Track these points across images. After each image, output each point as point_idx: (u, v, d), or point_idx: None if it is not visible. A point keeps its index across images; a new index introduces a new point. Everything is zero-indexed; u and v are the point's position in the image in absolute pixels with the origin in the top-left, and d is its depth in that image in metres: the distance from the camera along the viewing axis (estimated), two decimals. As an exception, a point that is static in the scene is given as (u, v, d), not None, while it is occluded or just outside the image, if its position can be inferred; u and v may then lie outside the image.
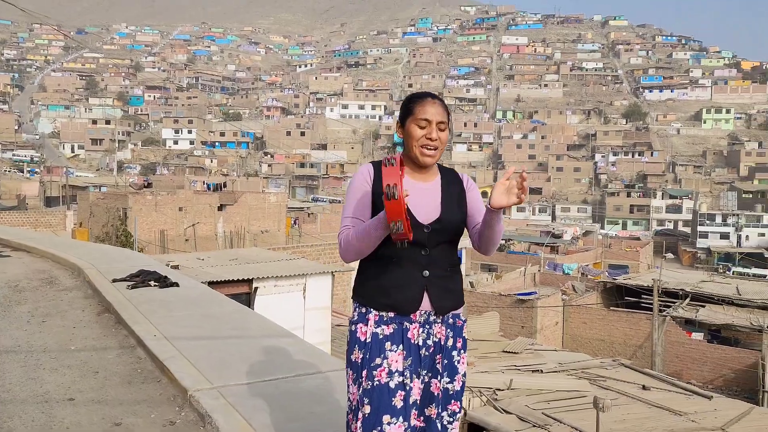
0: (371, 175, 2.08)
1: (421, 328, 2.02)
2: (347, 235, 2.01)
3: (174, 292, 4.93)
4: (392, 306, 1.99)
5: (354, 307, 2.08)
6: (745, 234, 61.48)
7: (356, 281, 2.10)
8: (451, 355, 2.06)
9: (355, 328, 2.03)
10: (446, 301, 2.04)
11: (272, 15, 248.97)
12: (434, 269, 2.02)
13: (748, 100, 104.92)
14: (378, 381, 1.94)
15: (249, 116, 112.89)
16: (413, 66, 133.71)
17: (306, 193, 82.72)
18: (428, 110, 2.05)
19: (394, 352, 1.98)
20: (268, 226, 33.40)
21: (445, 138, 2.08)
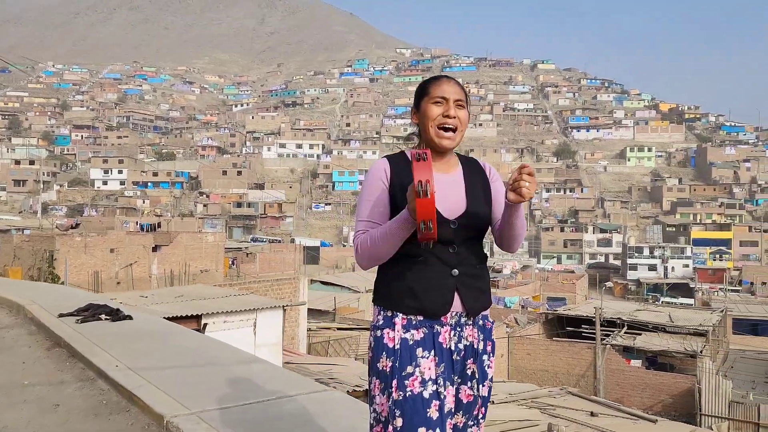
0: (388, 171, 1.92)
1: (452, 331, 1.86)
2: (364, 239, 1.83)
3: (128, 325, 4.67)
4: (422, 309, 1.83)
5: (377, 310, 1.90)
6: (671, 266, 64.29)
7: (378, 283, 1.93)
8: (482, 359, 1.92)
9: (381, 334, 1.85)
10: (478, 302, 1.89)
11: (207, 55, 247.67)
12: (464, 267, 1.87)
13: (667, 140, 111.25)
14: (411, 391, 1.78)
15: (183, 156, 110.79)
16: (351, 105, 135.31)
17: (243, 233, 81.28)
18: (444, 88, 1.91)
19: (426, 359, 1.81)
20: (206, 267, 32.54)
21: (464, 118, 1.92)
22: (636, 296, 55.01)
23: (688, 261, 64.20)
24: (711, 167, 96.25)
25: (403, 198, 1.82)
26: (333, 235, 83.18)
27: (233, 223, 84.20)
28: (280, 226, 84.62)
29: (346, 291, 28.73)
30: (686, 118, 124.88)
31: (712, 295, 51.63)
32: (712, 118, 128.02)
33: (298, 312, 12.57)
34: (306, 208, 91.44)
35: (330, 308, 23.05)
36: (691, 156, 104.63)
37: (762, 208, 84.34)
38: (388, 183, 1.90)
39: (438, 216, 1.76)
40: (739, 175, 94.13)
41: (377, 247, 1.80)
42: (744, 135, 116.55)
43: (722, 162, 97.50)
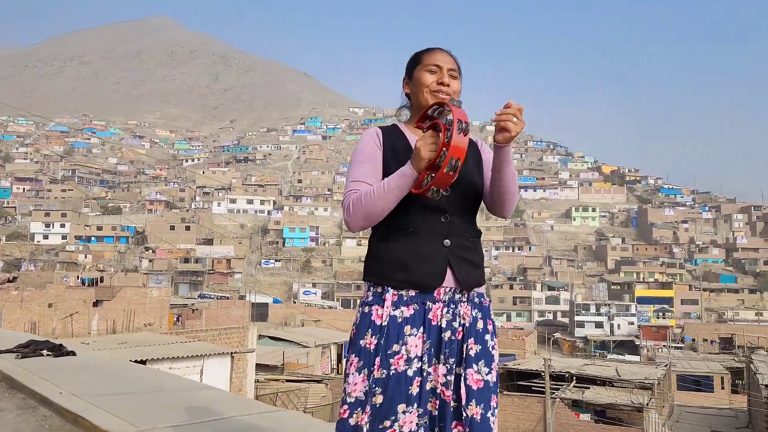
0: (380, 137, 1.88)
1: (445, 308, 1.76)
2: (357, 197, 1.75)
3: (71, 360, 4.50)
4: (413, 282, 1.73)
5: (367, 287, 1.81)
6: (617, 323, 65.61)
7: (368, 258, 1.84)
8: (485, 339, 1.80)
9: (369, 310, 1.76)
10: (471, 275, 1.80)
11: (159, 110, 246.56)
12: (456, 238, 1.79)
13: (610, 200, 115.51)
14: (395, 369, 1.70)
15: (130, 210, 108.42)
16: (303, 162, 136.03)
17: (190, 289, 79.25)
18: (438, 57, 1.87)
19: (414, 337, 1.73)
20: (150, 322, 31.46)
21: (457, 88, 1.88)
22: (584, 353, 55.66)
23: (632, 318, 65.68)
24: (652, 227, 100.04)
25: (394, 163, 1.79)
26: (283, 291, 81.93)
27: (180, 279, 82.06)
28: (228, 282, 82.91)
29: (295, 346, 28.18)
30: (627, 180, 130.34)
31: (656, 352, 52.78)
32: (651, 181, 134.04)
33: (246, 362, 12.21)
34: (255, 264, 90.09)
35: (278, 363, 22.52)
36: (633, 216, 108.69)
37: (701, 267, 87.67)
38: (381, 146, 1.86)
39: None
40: (678, 236, 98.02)
41: (373, 202, 1.72)
42: (681, 197, 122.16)
43: (662, 223, 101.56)
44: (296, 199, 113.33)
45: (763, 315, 71.79)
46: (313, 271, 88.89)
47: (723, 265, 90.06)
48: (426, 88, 1.86)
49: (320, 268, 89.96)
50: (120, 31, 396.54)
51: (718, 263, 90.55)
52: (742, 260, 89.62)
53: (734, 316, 71.08)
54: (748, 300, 77.78)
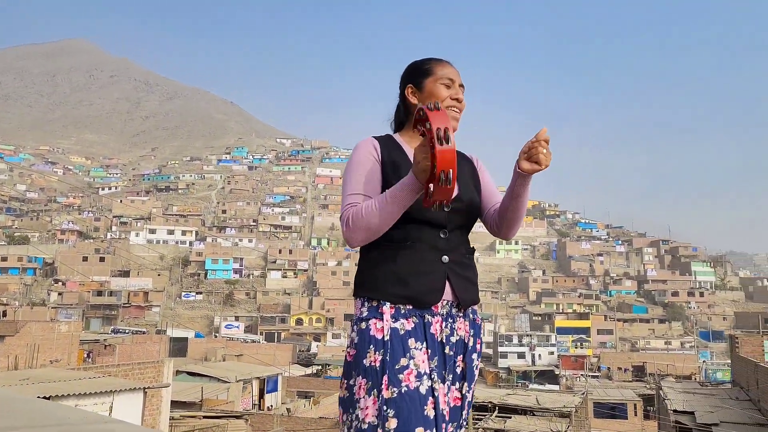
0: (378, 146, 1.77)
1: (444, 322, 1.69)
2: (357, 211, 1.63)
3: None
4: (411, 297, 1.64)
5: (360, 302, 1.70)
6: (538, 353, 67.20)
7: (361, 272, 1.74)
8: (471, 358, 1.75)
9: (367, 326, 1.64)
10: (469, 293, 1.74)
11: (74, 135, 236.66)
12: (454, 255, 1.72)
13: (532, 233, 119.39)
14: (407, 386, 1.56)
15: (39, 240, 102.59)
16: (228, 192, 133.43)
17: (103, 324, 75.41)
18: (450, 70, 1.80)
19: (420, 351, 1.61)
20: (58, 358, 29.55)
21: (464, 105, 1.83)
22: (507, 383, 56.53)
23: (553, 348, 67.46)
24: (570, 260, 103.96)
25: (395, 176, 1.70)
26: (204, 325, 79.23)
27: (92, 313, 77.94)
28: (146, 316, 79.48)
29: (215, 382, 27.14)
30: (547, 214, 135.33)
31: (574, 381, 54.31)
32: (569, 215, 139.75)
33: (161, 398, 11.52)
34: (175, 297, 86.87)
35: (196, 399, 21.56)
36: (553, 249, 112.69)
37: (615, 298, 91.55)
38: (379, 158, 1.75)
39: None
40: (594, 268, 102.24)
41: (375, 215, 1.61)
42: (597, 231, 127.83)
43: (579, 255, 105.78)
44: (220, 229, 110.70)
45: (672, 344, 75.57)
46: (236, 304, 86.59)
47: (635, 297, 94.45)
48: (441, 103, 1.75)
49: (243, 301, 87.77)
50: (35, 53, 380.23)
51: (630, 294, 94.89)
52: (652, 291, 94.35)
53: (645, 345, 74.41)
54: (658, 329, 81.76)
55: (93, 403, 8.59)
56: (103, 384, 9.40)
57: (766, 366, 20.39)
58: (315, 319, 78.48)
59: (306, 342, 69.85)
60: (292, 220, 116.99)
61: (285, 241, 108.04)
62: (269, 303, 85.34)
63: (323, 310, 79.66)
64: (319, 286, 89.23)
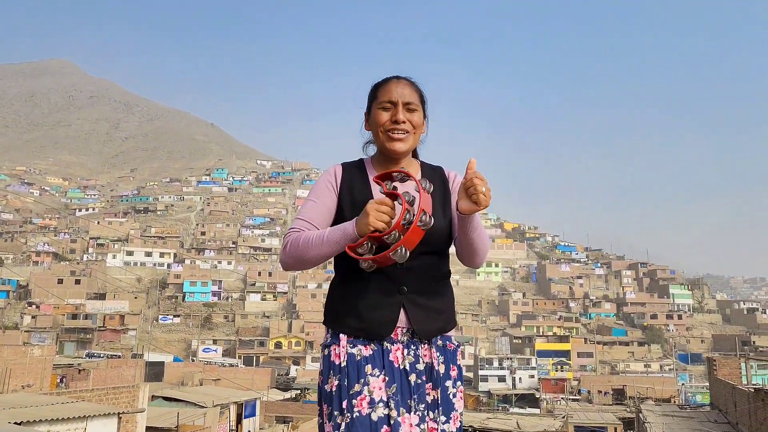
0: (339, 175, 1.76)
1: (405, 350, 1.67)
2: (296, 238, 1.66)
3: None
4: (364, 329, 1.66)
5: (326, 329, 1.74)
6: (519, 376, 67.01)
7: (326, 303, 1.77)
8: (445, 386, 1.70)
9: (328, 352, 1.69)
10: (430, 323, 1.69)
11: (51, 156, 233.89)
12: (414, 285, 1.69)
13: (512, 256, 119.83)
14: (359, 412, 1.57)
15: (13, 262, 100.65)
16: (207, 214, 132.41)
17: (77, 348, 73.87)
18: (392, 90, 1.75)
19: (376, 378, 1.62)
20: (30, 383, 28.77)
21: (417, 121, 1.76)
22: (487, 407, 56.19)
23: (533, 372, 67.33)
24: (550, 283, 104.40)
25: (352, 211, 1.70)
26: (181, 349, 77.96)
27: (66, 336, 76.35)
28: (121, 340, 78.04)
29: (192, 407, 26.55)
30: (527, 236, 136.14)
31: (555, 404, 54.16)
32: (549, 238, 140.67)
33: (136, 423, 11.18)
34: (152, 320, 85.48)
35: (172, 425, 21.06)
36: (533, 272, 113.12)
37: (595, 321, 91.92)
38: (337, 188, 1.76)
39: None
40: (573, 291, 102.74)
41: (308, 249, 1.64)
42: (576, 254, 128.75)
43: (559, 278, 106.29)
44: (198, 251, 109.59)
45: (651, 366, 75.89)
46: (214, 327, 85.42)
47: (615, 319, 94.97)
48: (381, 128, 1.76)
49: (222, 324, 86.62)
50: (14, 72, 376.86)
51: (610, 317, 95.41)
52: (631, 314, 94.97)
53: (625, 368, 74.61)
54: (638, 352, 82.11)
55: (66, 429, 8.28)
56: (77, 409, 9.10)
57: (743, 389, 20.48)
58: (294, 342, 77.64)
59: (285, 366, 68.96)
60: (272, 242, 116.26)
61: (265, 263, 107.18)
62: (248, 326, 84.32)
63: (303, 333, 78.89)
64: (298, 308, 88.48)
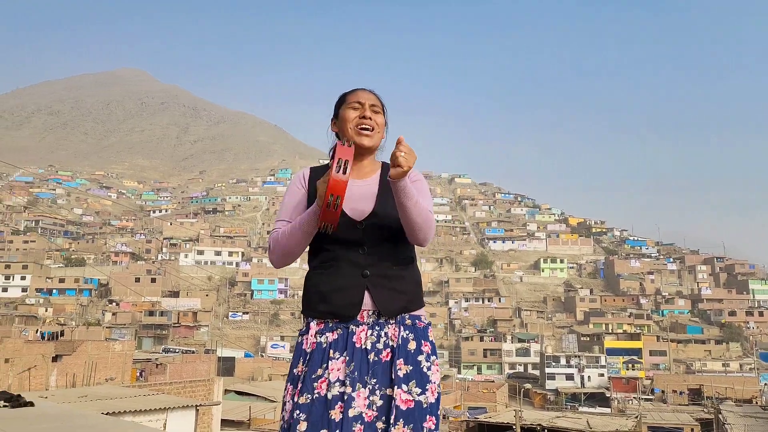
0: (307, 176, 2.02)
1: (370, 330, 1.84)
2: (276, 235, 1.91)
3: (30, 411, 4.28)
4: (332, 312, 1.84)
5: (303, 318, 1.95)
6: (587, 374, 65.51)
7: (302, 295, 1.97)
8: (417, 360, 1.84)
9: (301, 340, 1.89)
10: (394, 303, 1.86)
11: (127, 160, 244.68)
12: (376, 269, 1.86)
13: (578, 252, 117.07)
14: (318, 394, 1.76)
15: (94, 262, 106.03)
16: (272, 213, 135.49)
17: (154, 343, 77.16)
18: (360, 95, 2.00)
19: (336, 360, 1.80)
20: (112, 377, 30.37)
21: (381, 122, 2.01)
22: (555, 406, 55.26)
23: (603, 370, 65.69)
24: (618, 279, 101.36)
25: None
26: (250, 345, 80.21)
27: (144, 332, 79.92)
28: (194, 336, 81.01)
29: (263, 401, 27.41)
30: (593, 231, 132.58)
31: (626, 404, 52.71)
32: (617, 233, 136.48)
33: (211, 416, 11.75)
34: (222, 317, 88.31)
35: (245, 418, 21.85)
36: (600, 268, 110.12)
37: (667, 318, 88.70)
38: (306, 188, 1.98)
39: (345, 217, 1.83)
40: (644, 287, 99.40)
41: (286, 239, 1.86)
42: (646, 249, 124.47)
43: (628, 274, 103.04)
44: (265, 250, 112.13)
45: (730, 366, 72.57)
46: (282, 324, 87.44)
47: (689, 316, 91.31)
48: (350, 124, 1.97)
49: (289, 321, 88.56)
50: (90, 82, 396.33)
51: (684, 314, 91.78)
52: (707, 311, 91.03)
53: (702, 367, 71.66)
54: (715, 351, 78.68)
55: (148, 420, 8.84)
56: (158, 401, 9.68)
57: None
58: (360, 339, 78.49)
59: (351, 362, 69.80)
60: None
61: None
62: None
63: (368, 330, 79.64)
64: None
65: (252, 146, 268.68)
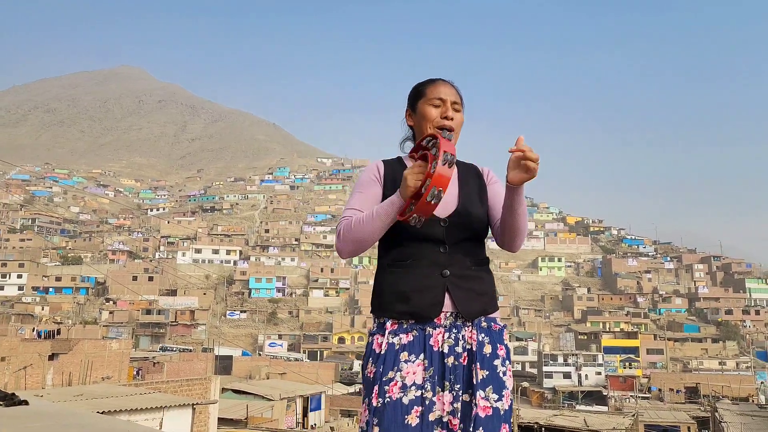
0: (381, 169, 1.90)
1: (447, 333, 1.75)
2: (347, 223, 1.78)
3: (24, 410, 4.25)
4: (412, 312, 1.75)
5: (373, 319, 1.86)
6: (585, 373, 65.58)
7: (373, 292, 1.88)
8: (494, 365, 1.75)
9: (371, 340, 1.81)
10: (473, 304, 1.78)
11: (124, 159, 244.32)
12: (455, 268, 1.78)
13: (575, 251, 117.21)
14: (390, 398, 1.67)
15: (91, 260, 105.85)
16: (270, 212, 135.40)
17: (151, 341, 77.07)
18: (441, 90, 1.88)
19: (412, 363, 1.71)
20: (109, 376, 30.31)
21: (460, 121, 1.90)
22: (553, 404, 55.30)
23: (600, 368, 65.75)
24: (616, 277, 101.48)
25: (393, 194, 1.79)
26: (248, 343, 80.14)
27: (141, 331, 79.79)
28: (192, 334, 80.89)
29: (260, 399, 27.38)
30: (591, 230, 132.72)
31: (623, 402, 52.78)
32: (614, 232, 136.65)
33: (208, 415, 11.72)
34: (220, 315, 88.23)
35: (242, 417, 21.82)
36: (598, 267, 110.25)
37: (664, 317, 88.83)
38: (381, 181, 1.88)
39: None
40: (641, 286, 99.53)
41: (362, 227, 1.74)
42: (643, 248, 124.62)
43: (626, 273, 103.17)
44: (263, 249, 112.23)
45: (727, 364, 72.72)
46: (279, 323, 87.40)
47: (686, 315, 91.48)
48: (430, 123, 1.86)
49: (286, 320, 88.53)
50: (88, 80, 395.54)
51: (681, 313, 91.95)
52: (704, 310, 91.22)
53: (699, 366, 71.80)
54: (712, 349, 78.85)
55: (144, 419, 8.80)
56: (154, 400, 9.63)
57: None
58: (357, 337, 78.56)
59: (348, 360, 69.90)
60: (333, 238, 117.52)
61: (327, 259, 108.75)
62: (312, 321, 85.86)
63: (365, 328, 79.71)
64: (360, 304, 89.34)
65: (250, 145, 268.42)
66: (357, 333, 78.97)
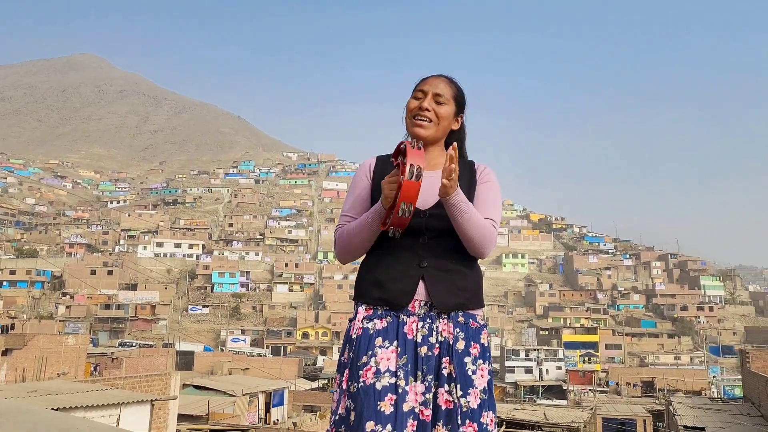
0: (372, 167, 1.90)
1: (421, 322, 1.75)
2: (341, 232, 1.85)
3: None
4: (384, 299, 1.77)
5: (354, 305, 1.88)
6: (546, 368, 66.70)
7: (356, 279, 1.91)
8: (463, 361, 1.73)
9: (349, 326, 1.83)
10: (450, 297, 1.76)
11: (83, 149, 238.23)
12: (435, 260, 1.78)
13: (538, 247, 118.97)
14: (363, 382, 1.67)
15: (47, 253, 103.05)
16: (234, 206, 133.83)
17: (110, 337, 75.53)
18: (427, 82, 1.88)
19: (386, 349, 1.71)
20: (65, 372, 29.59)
21: (444, 113, 1.86)
22: (514, 399, 56.08)
23: (560, 363, 66.95)
24: (577, 274, 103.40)
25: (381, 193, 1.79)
26: (210, 338, 79.17)
27: (99, 326, 78.08)
28: (152, 329, 79.54)
29: (222, 395, 27.07)
30: (554, 228, 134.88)
31: (582, 396, 53.84)
32: (576, 229, 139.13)
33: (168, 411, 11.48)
34: (182, 310, 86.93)
35: (203, 413, 21.53)
36: (560, 263, 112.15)
37: (623, 313, 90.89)
38: (371, 178, 1.89)
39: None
40: (601, 282, 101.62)
41: (351, 238, 1.81)
42: (604, 245, 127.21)
43: (586, 269, 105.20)
44: (226, 243, 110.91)
45: (681, 359, 74.87)
46: (243, 318, 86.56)
47: (643, 311, 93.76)
48: (409, 113, 1.88)
49: (250, 315, 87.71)
50: (45, 68, 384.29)
51: (639, 309, 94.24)
52: (660, 306, 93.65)
53: (655, 360, 73.74)
54: (667, 344, 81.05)
55: (101, 416, 8.54)
56: (111, 396, 9.37)
57: (777, 381, 20.18)
58: (321, 332, 78.32)
59: (312, 356, 69.66)
60: (298, 233, 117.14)
61: (291, 254, 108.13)
62: (275, 316, 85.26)
63: (329, 323, 79.52)
64: (325, 299, 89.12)
65: (214, 137, 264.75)
66: (321, 328, 78.73)
